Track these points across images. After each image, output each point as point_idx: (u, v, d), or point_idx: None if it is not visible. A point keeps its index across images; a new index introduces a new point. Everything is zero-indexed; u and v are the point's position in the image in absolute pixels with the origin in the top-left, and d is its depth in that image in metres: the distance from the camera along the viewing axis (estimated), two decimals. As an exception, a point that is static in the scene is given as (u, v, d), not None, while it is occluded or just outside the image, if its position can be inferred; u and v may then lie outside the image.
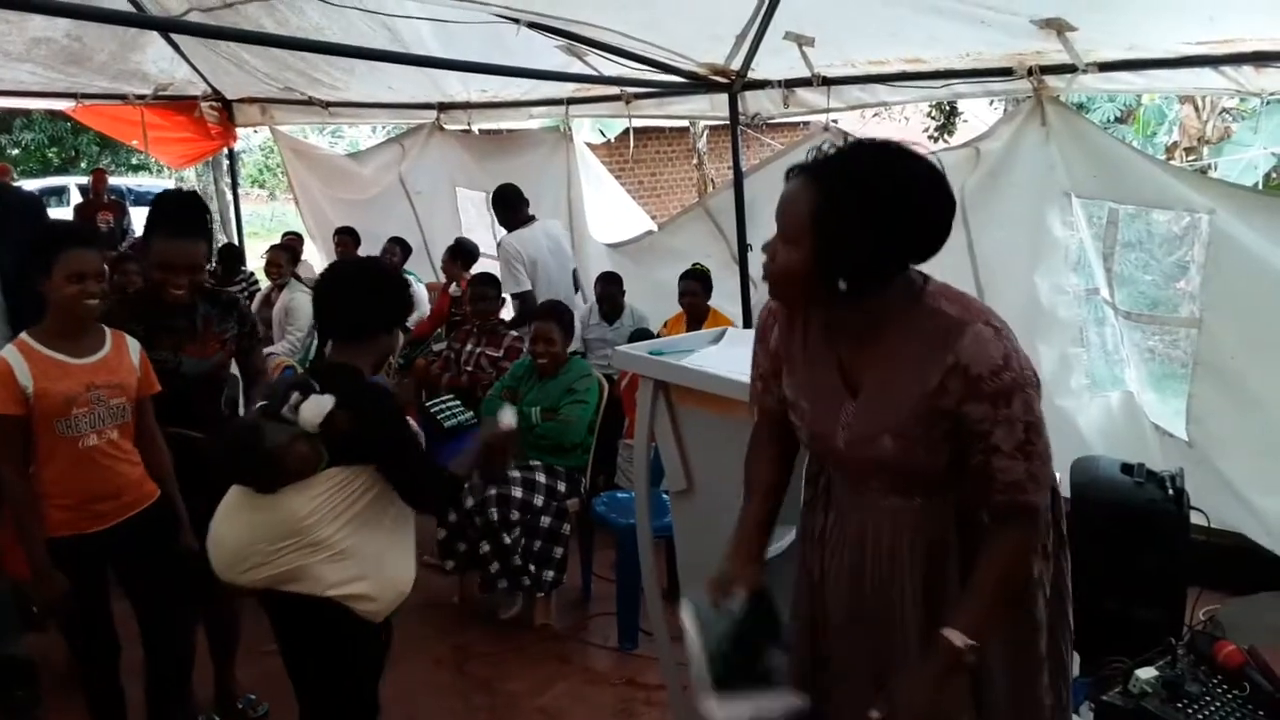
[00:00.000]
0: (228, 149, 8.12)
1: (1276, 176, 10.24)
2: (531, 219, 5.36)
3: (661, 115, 5.82)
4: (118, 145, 14.36)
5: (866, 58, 4.29)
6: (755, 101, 4.85)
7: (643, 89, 5.08)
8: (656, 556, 2.78)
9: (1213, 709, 2.17)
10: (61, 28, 5.25)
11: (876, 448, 1.60)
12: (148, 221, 2.84)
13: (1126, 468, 3.12)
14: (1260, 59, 3.37)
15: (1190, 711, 2.15)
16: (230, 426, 2.59)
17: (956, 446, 1.57)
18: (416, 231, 7.27)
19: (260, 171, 21.82)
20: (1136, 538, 2.96)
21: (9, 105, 11.55)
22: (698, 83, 4.74)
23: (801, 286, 1.57)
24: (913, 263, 1.57)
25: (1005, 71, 3.96)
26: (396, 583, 2.23)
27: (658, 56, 4.46)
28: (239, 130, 7.79)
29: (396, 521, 2.24)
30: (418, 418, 4.23)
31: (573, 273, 5.62)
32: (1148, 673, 2.23)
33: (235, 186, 9.01)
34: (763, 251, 1.61)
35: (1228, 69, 3.46)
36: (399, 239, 6.70)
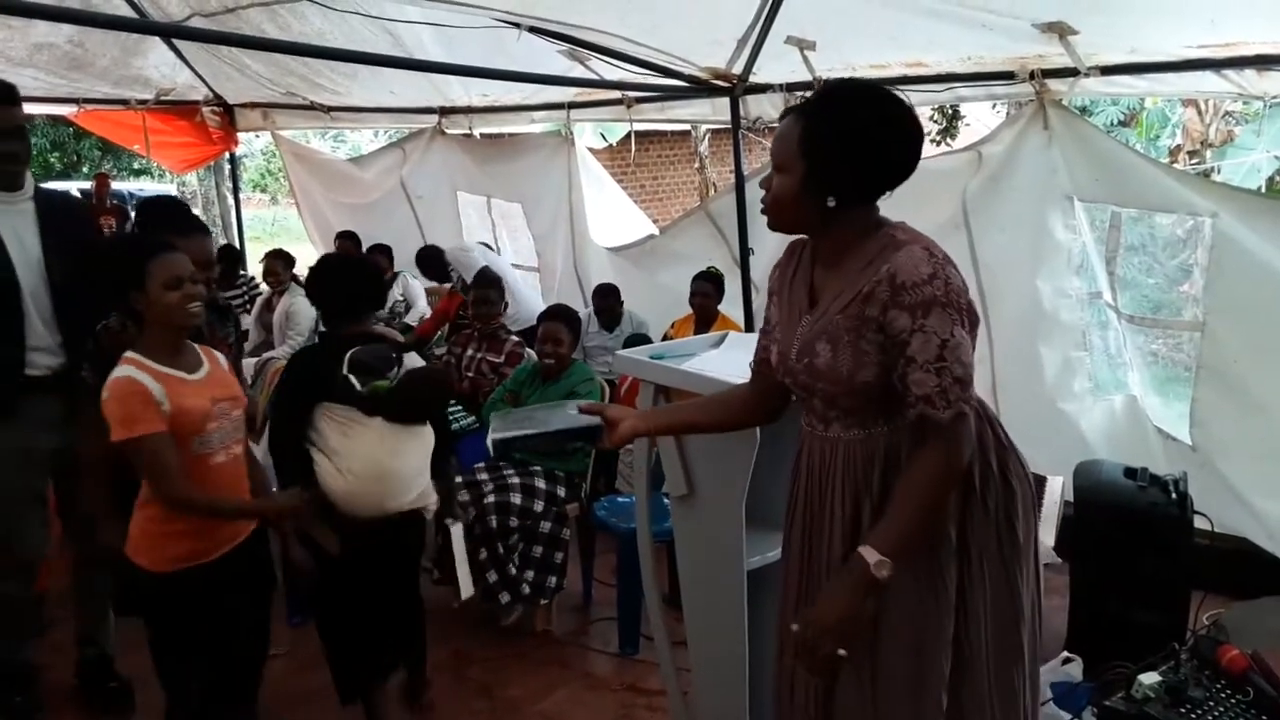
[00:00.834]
0: (229, 154, 8.13)
1: (1279, 180, 10.23)
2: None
3: (663, 119, 5.82)
4: (120, 150, 14.36)
5: (868, 61, 4.29)
6: (757, 105, 4.85)
7: (644, 93, 5.09)
8: (657, 561, 2.77)
9: (1216, 714, 2.16)
10: (64, 33, 5.25)
11: (815, 353, 1.72)
12: (144, 228, 2.77)
13: (1130, 472, 3.12)
14: (1262, 62, 3.36)
15: (1193, 717, 2.14)
16: (419, 372, 2.81)
17: (882, 363, 1.66)
18: (418, 235, 7.28)
19: (262, 176, 21.84)
20: (1139, 542, 2.96)
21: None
22: (699, 87, 4.74)
23: (794, 208, 1.73)
24: (889, 186, 1.72)
25: (1007, 75, 3.95)
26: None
27: (659, 61, 4.46)
28: (240, 135, 7.79)
29: None
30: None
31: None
32: (1151, 677, 2.22)
33: (237, 191, 9.03)
34: (760, 186, 1.78)
35: (1230, 72, 3.46)
36: (383, 246, 6.79)
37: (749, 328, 4.88)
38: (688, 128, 12.25)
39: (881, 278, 1.64)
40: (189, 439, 2.19)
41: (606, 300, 5.48)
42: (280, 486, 2.62)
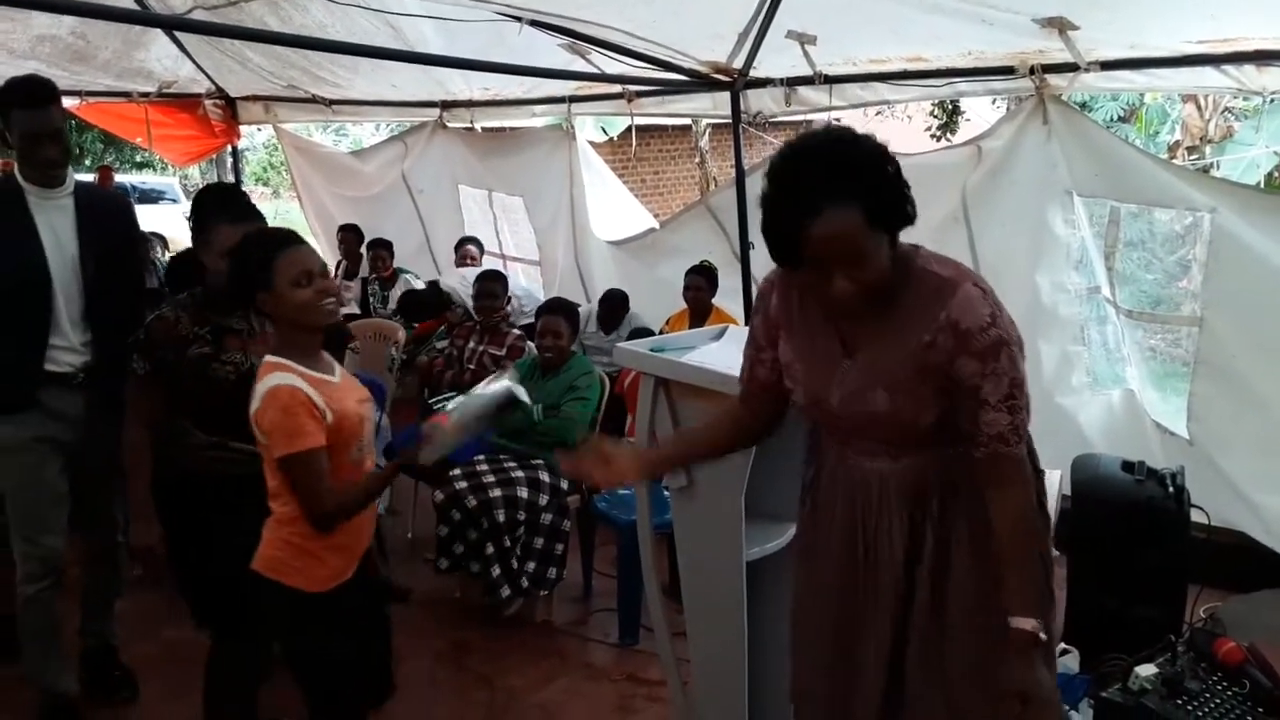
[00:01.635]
0: (231, 146, 8.12)
1: (1278, 175, 10.23)
2: None
3: (664, 113, 5.82)
4: (122, 143, 14.33)
5: (868, 56, 4.29)
6: (757, 100, 4.85)
7: (645, 87, 5.09)
8: (657, 552, 2.78)
9: (1212, 706, 2.17)
10: (66, 26, 5.25)
11: (870, 402, 1.68)
12: (200, 214, 2.58)
13: (1127, 466, 3.13)
14: (1262, 58, 3.37)
15: (1190, 709, 2.16)
16: None
17: (945, 405, 1.65)
18: (419, 229, 7.28)
19: (264, 169, 21.86)
20: (1137, 535, 2.97)
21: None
22: (700, 81, 4.74)
23: (876, 289, 1.60)
24: (905, 226, 1.63)
25: (1007, 70, 3.96)
26: None
27: (660, 55, 4.46)
28: (243, 128, 7.78)
29: None
30: (420, 415, 4.25)
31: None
32: (1148, 670, 2.24)
33: (239, 184, 9.01)
34: (836, 295, 1.59)
35: (1229, 68, 3.46)
36: (384, 241, 6.72)
37: (749, 321, 4.89)
38: (689, 122, 12.25)
39: (943, 325, 1.61)
40: (347, 448, 2.05)
41: (614, 307, 5.53)
42: None
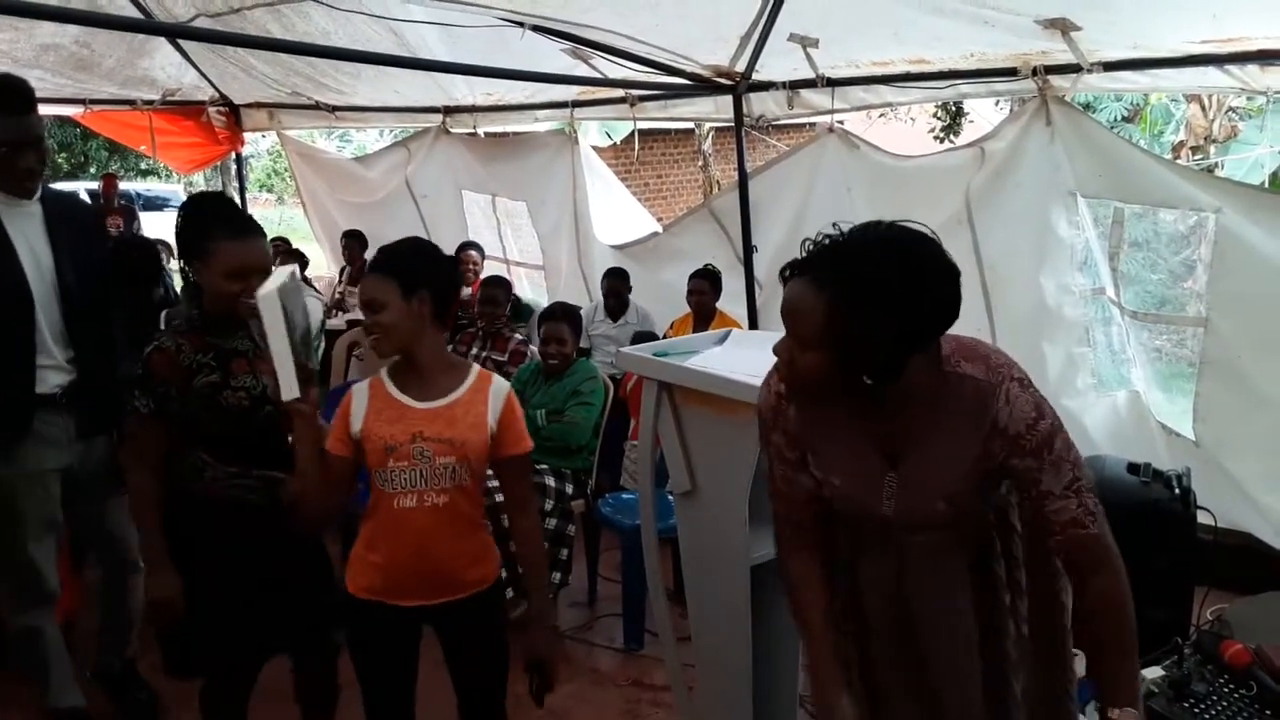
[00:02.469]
0: (235, 154, 8.14)
1: (1284, 175, 10.20)
2: None
3: (666, 117, 5.83)
4: (126, 150, 14.43)
5: (870, 59, 4.29)
6: (760, 103, 4.85)
7: (648, 91, 5.09)
8: (661, 557, 2.78)
9: (1220, 708, 2.16)
10: (70, 34, 5.27)
11: (929, 513, 1.65)
12: (194, 229, 2.28)
13: (1133, 467, 3.11)
14: (1265, 57, 3.36)
15: (1197, 711, 2.14)
16: None
17: (1002, 494, 1.66)
18: (423, 235, 7.26)
19: (268, 175, 21.91)
20: (1143, 537, 2.95)
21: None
22: (702, 85, 4.75)
23: (826, 386, 1.54)
24: (933, 341, 1.54)
25: (1010, 71, 3.96)
26: None
27: (662, 59, 4.47)
28: (246, 135, 7.81)
29: None
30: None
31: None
32: (1154, 672, 2.22)
33: (243, 190, 9.01)
34: (774, 353, 1.58)
35: (1233, 68, 3.46)
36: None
37: (752, 325, 4.89)
38: (691, 126, 12.25)
39: (990, 434, 1.56)
40: (373, 470, 2.06)
41: (615, 283, 5.51)
42: None
